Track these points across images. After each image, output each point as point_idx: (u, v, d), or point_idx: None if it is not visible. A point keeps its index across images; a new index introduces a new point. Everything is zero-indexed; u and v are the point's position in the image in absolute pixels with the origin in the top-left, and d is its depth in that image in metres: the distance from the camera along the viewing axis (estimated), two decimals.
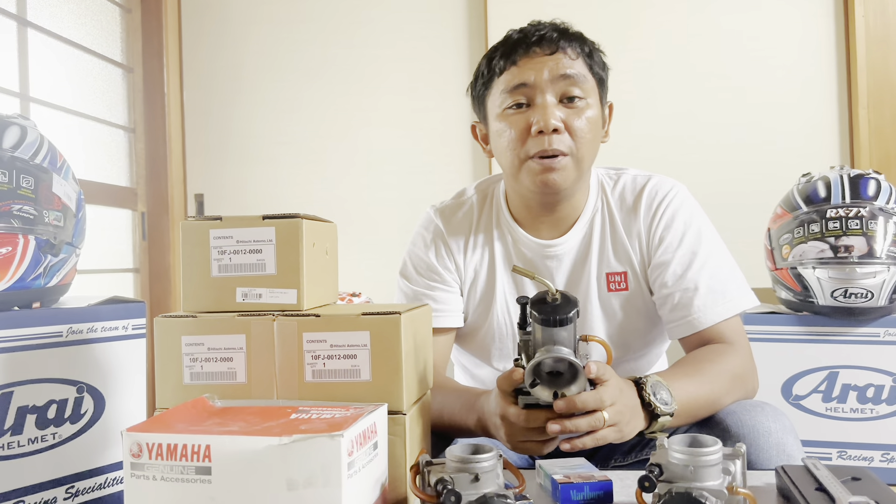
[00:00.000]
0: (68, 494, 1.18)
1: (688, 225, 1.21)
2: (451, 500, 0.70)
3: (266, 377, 0.88)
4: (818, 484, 0.81)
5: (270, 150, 2.72)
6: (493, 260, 1.27)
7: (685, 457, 0.73)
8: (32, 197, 1.16)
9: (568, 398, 0.88)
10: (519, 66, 1.17)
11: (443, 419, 1.11)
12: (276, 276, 0.90)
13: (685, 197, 1.24)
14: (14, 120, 1.23)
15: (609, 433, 0.92)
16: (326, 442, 0.68)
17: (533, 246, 1.25)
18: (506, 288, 1.27)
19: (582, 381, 0.88)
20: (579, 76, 1.16)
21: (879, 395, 1.51)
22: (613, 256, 1.24)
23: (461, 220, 1.30)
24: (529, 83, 1.15)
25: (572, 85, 1.15)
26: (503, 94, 1.18)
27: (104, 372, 1.25)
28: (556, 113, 1.14)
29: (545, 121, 1.13)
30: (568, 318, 0.87)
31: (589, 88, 1.18)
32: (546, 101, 1.15)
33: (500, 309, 1.26)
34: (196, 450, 0.70)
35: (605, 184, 1.28)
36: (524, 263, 1.27)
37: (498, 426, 0.98)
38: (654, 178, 1.26)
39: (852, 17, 2.29)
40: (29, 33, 2.14)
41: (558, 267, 1.25)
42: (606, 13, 2.50)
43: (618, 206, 1.25)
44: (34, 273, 1.15)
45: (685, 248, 1.19)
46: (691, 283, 1.17)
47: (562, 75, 1.15)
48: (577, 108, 1.16)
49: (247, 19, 2.73)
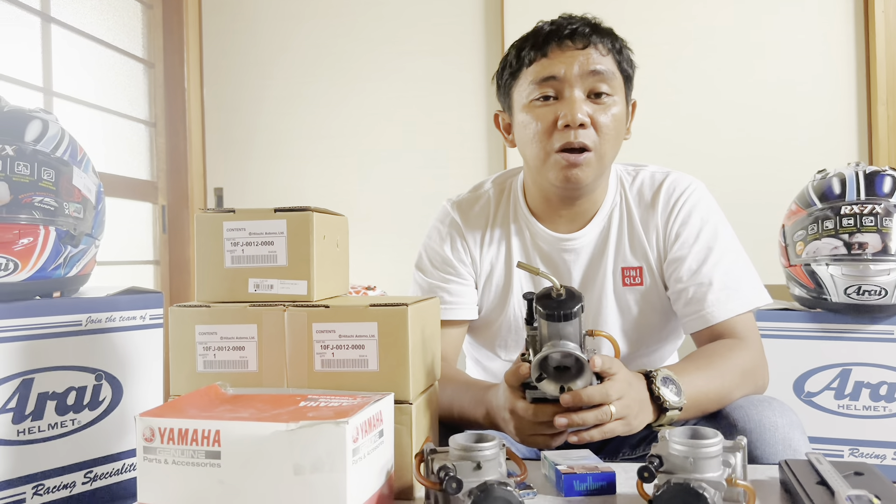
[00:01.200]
0: (87, 479, 1.22)
1: (704, 221, 1.21)
2: (452, 486, 0.72)
3: (277, 366, 0.90)
4: (820, 478, 0.82)
5: (289, 144, 2.75)
6: (511, 253, 1.28)
7: (685, 448, 0.74)
8: (53, 189, 1.19)
9: (574, 392, 0.89)
10: (549, 59, 1.17)
11: (452, 411, 1.13)
12: (287, 268, 0.92)
13: (702, 194, 1.25)
14: (36, 114, 1.26)
15: (617, 426, 0.93)
16: (332, 428, 0.70)
17: (550, 240, 1.26)
18: (523, 282, 1.28)
19: (588, 375, 0.89)
20: (608, 73, 1.17)
21: (892, 393, 1.50)
22: (630, 251, 1.24)
23: (478, 214, 1.31)
24: (559, 76, 1.16)
25: (601, 81, 1.16)
26: (531, 85, 1.18)
27: (122, 360, 1.28)
28: (583, 108, 1.14)
29: (572, 115, 1.13)
30: (572, 313, 0.88)
31: (616, 85, 1.18)
32: (574, 95, 1.15)
33: (517, 303, 1.28)
34: (206, 435, 0.72)
35: (624, 179, 1.29)
36: (542, 257, 1.27)
37: (507, 420, 0.99)
38: (672, 175, 1.26)
39: (872, 14, 2.27)
40: (52, 29, 2.19)
41: (575, 261, 1.26)
42: (626, 12, 2.50)
43: (636, 201, 1.26)
44: (55, 263, 1.18)
45: (701, 243, 1.20)
46: (706, 278, 1.17)
47: (591, 71, 1.15)
48: (604, 105, 1.17)
49: (266, 15, 2.76)
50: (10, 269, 1.12)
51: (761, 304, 1.20)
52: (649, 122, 2.43)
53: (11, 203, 1.13)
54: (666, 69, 2.48)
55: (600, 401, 0.90)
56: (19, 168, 1.15)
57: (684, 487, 0.71)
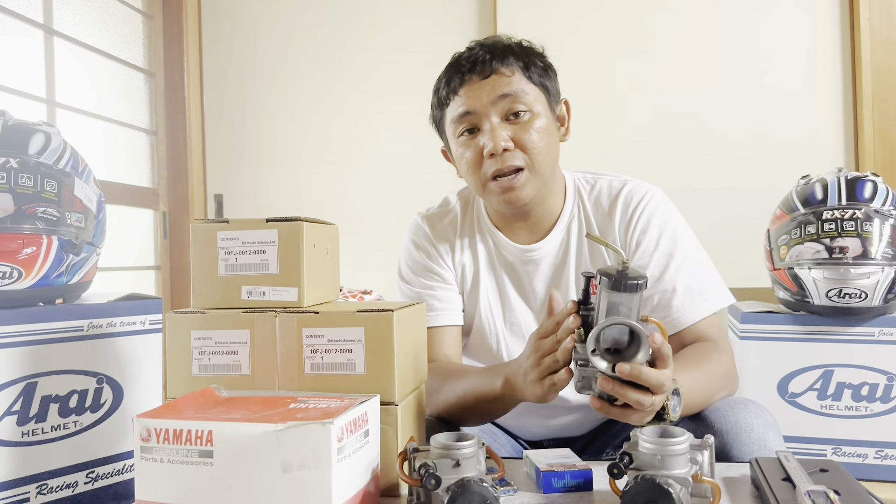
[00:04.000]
0: (88, 479, 1.26)
1: (663, 228, 1.23)
2: (431, 483, 0.76)
3: (268, 369, 0.94)
4: (786, 474, 0.86)
5: (287, 151, 2.80)
6: (477, 263, 1.32)
7: (653, 446, 0.78)
8: (56, 200, 1.23)
9: (634, 365, 0.83)
10: (460, 95, 1.21)
11: (467, 398, 1.13)
12: (278, 276, 0.96)
13: (660, 201, 1.26)
14: (39, 127, 1.30)
15: (636, 417, 0.89)
16: (318, 428, 0.74)
17: (513, 250, 1.29)
18: (489, 291, 1.31)
19: (644, 353, 0.84)
20: (518, 91, 1.19)
21: (874, 394, 1.54)
22: (590, 260, 1.26)
23: (447, 227, 1.35)
24: (473, 110, 1.19)
25: (513, 102, 1.18)
26: (452, 123, 1.23)
27: (122, 364, 1.32)
28: (502, 134, 1.17)
29: (494, 143, 1.17)
30: (639, 284, 0.84)
31: (531, 100, 1.20)
32: (492, 123, 1.18)
33: (485, 311, 1.31)
34: (199, 435, 0.76)
35: (582, 188, 1.30)
36: (506, 267, 1.31)
37: (528, 358, 0.97)
38: (629, 184, 1.28)
39: (857, 20, 2.31)
40: (55, 41, 2.23)
41: (536, 270, 1.29)
42: (612, 15, 2.54)
43: (594, 210, 1.28)
44: (57, 271, 1.23)
45: (661, 250, 1.22)
46: (669, 284, 1.20)
47: (500, 96, 1.18)
48: (523, 123, 1.19)
49: (264, 25, 2.81)
50: (14, 277, 1.17)
51: (725, 305, 1.23)
52: (636, 126, 2.48)
53: (15, 214, 1.17)
54: (652, 74, 2.52)
55: (655, 385, 0.84)
56: (23, 180, 1.20)
57: (651, 482, 0.75)
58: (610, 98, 2.53)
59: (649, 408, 0.87)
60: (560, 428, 1.33)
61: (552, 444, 1.36)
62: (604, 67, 2.54)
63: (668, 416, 0.93)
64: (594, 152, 2.46)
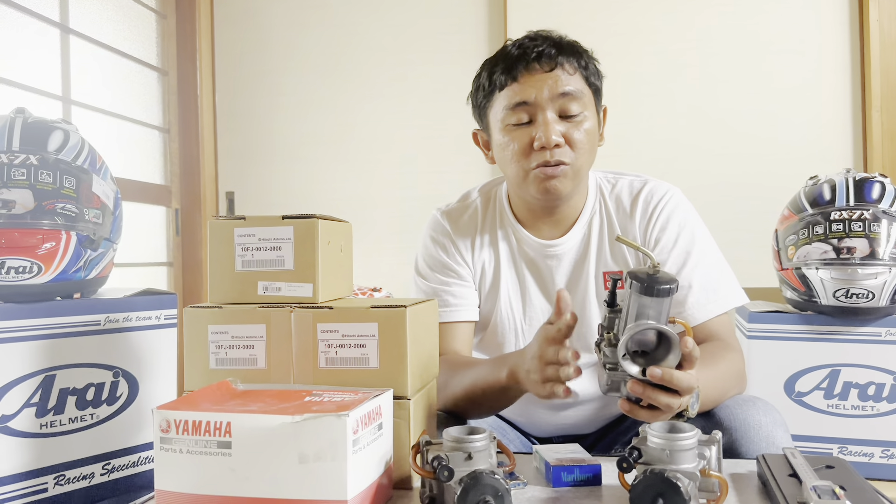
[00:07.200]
0: (105, 470, 1.28)
1: (682, 227, 1.25)
2: (444, 475, 0.78)
3: (284, 363, 0.96)
4: (792, 470, 0.87)
5: (298, 149, 2.82)
6: (499, 258, 1.33)
7: (662, 441, 0.80)
8: (74, 196, 1.26)
9: (666, 369, 0.83)
10: (520, 83, 1.21)
11: (475, 388, 1.15)
12: (293, 272, 0.98)
13: (679, 200, 1.28)
14: (58, 125, 1.32)
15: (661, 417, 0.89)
16: (334, 421, 0.76)
17: (535, 245, 1.31)
18: (509, 286, 1.33)
19: (675, 357, 0.84)
20: (577, 92, 1.21)
21: (880, 393, 1.55)
22: (611, 257, 1.28)
23: (467, 222, 1.36)
24: (530, 101, 1.20)
25: (571, 101, 1.20)
26: (505, 109, 1.23)
27: (138, 358, 1.35)
28: (556, 129, 1.19)
29: (547, 138, 1.18)
30: (670, 288, 0.84)
31: (586, 101, 1.23)
32: (547, 118, 1.20)
33: (504, 306, 1.32)
34: (218, 426, 0.78)
35: (603, 187, 1.33)
36: (527, 262, 1.32)
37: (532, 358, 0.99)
38: (650, 183, 1.30)
39: (867, 21, 2.31)
40: (71, 40, 2.26)
41: (558, 266, 1.30)
42: (623, 17, 2.55)
43: (615, 208, 1.30)
44: (75, 266, 1.25)
45: (679, 248, 1.24)
46: (685, 281, 1.22)
47: (561, 93, 1.20)
48: (575, 122, 1.21)
49: (276, 24, 2.83)
50: (33, 271, 1.19)
51: (739, 304, 1.25)
52: (646, 127, 2.49)
53: (35, 209, 1.20)
54: (662, 75, 2.53)
55: (685, 388, 0.85)
56: (42, 176, 1.22)
57: (660, 476, 0.77)
58: (620, 98, 2.54)
59: (676, 409, 0.88)
60: (570, 424, 1.35)
61: (562, 440, 1.37)
62: (614, 68, 2.54)
63: (686, 412, 0.92)
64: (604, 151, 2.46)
